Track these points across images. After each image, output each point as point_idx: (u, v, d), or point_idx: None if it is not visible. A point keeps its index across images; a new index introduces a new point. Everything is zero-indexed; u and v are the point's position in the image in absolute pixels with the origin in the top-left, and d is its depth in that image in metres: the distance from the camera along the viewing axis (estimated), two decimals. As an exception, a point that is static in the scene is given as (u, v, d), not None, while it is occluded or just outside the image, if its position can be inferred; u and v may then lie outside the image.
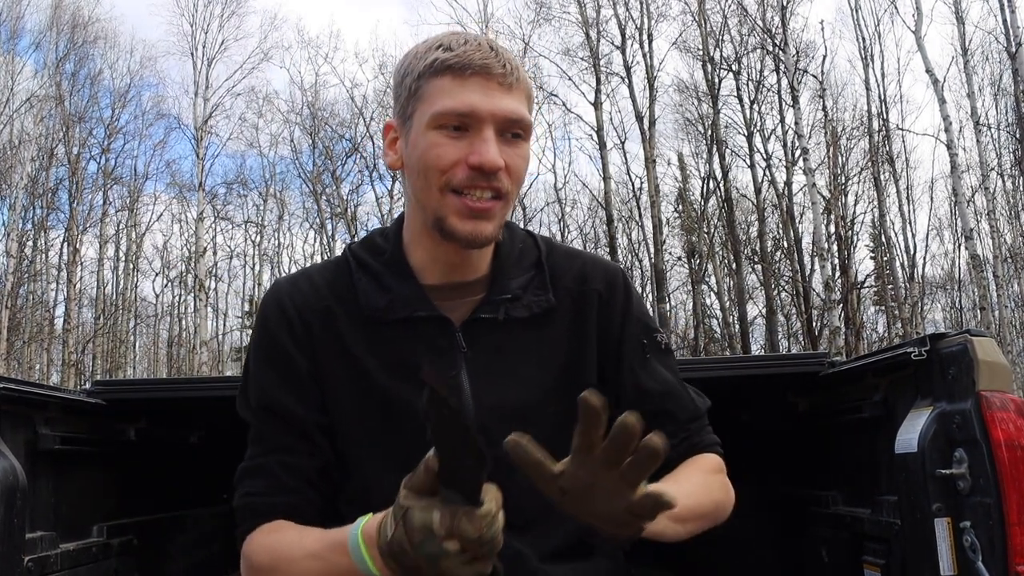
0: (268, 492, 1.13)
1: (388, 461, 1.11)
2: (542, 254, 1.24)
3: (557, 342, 1.19)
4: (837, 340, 16.29)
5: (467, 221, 1.10)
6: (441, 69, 1.10)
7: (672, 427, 1.20)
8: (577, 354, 1.20)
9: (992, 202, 18.28)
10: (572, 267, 1.24)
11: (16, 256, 18.64)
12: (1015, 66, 16.62)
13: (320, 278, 1.22)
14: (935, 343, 1.70)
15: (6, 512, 1.60)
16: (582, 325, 1.21)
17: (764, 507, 2.80)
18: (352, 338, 1.16)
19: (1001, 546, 1.49)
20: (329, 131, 22.84)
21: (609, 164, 19.98)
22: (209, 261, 23.25)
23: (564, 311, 1.21)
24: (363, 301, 1.17)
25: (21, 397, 1.80)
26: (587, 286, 1.23)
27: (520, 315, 1.18)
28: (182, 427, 2.69)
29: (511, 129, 1.11)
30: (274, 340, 1.18)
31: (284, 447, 1.15)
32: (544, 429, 1.12)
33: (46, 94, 20.01)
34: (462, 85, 1.09)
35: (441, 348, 1.15)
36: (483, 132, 1.09)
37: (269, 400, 1.17)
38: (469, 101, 1.08)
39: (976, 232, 17.82)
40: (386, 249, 1.22)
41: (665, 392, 1.23)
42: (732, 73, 20.48)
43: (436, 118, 1.09)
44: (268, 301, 1.22)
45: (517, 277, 1.20)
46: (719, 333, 24.22)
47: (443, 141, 1.09)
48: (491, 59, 1.10)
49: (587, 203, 25.11)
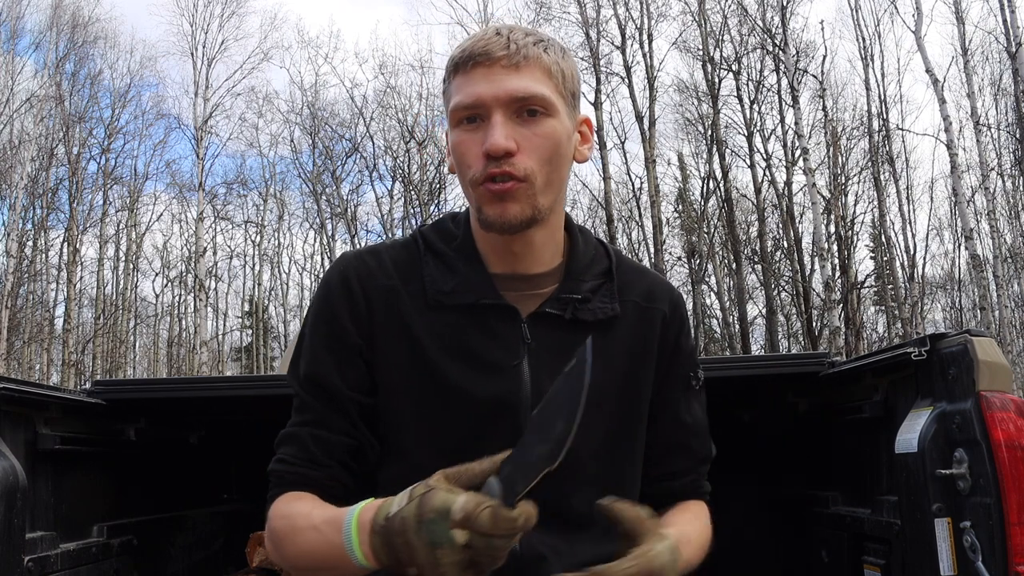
0: (298, 462, 1.14)
1: (438, 446, 1.12)
2: (612, 264, 1.24)
3: (619, 351, 1.19)
4: (837, 340, 16.29)
5: (493, 205, 1.10)
6: (453, 69, 1.13)
7: (688, 463, 1.26)
8: (637, 366, 1.21)
9: (992, 202, 18.28)
10: (640, 283, 1.25)
11: (16, 256, 18.64)
12: (1015, 66, 16.62)
13: (388, 256, 1.21)
14: (935, 343, 1.70)
15: (6, 512, 1.60)
16: (645, 340, 1.22)
17: (764, 507, 2.80)
18: (414, 320, 1.15)
19: (1001, 546, 1.49)
20: (329, 131, 22.86)
21: (609, 164, 19.99)
22: (209, 261, 23.27)
23: (628, 323, 1.21)
24: (429, 284, 1.17)
25: (21, 397, 1.80)
26: (653, 304, 1.24)
27: (586, 318, 1.17)
28: (182, 427, 2.69)
29: (525, 107, 1.10)
30: (333, 314, 1.17)
31: (321, 421, 1.15)
32: (598, 431, 1.16)
33: (46, 94, 20.00)
34: (468, 78, 1.10)
35: (505, 336, 1.15)
36: (492, 119, 1.09)
37: (316, 372, 1.16)
38: (474, 91, 1.09)
39: (976, 232, 17.82)
40: (457, 235, 1.21)
41: (694, 430, 1.27)
42: (732, 73, 20.48)
43: (453, 117, 1.12)
44: (333, 273, 1.20)
45: (588, 281, 1.20)
46: (719, 333, 24.22)
47: (464, 137, 1.11)
48: (493, 44, 1.10)
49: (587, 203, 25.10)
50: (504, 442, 1.10)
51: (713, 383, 2.39)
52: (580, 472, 1.14)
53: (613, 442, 1.18)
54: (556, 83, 1.14)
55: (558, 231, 1.22)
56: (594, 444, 1.15)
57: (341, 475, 1.15)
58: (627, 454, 1.21)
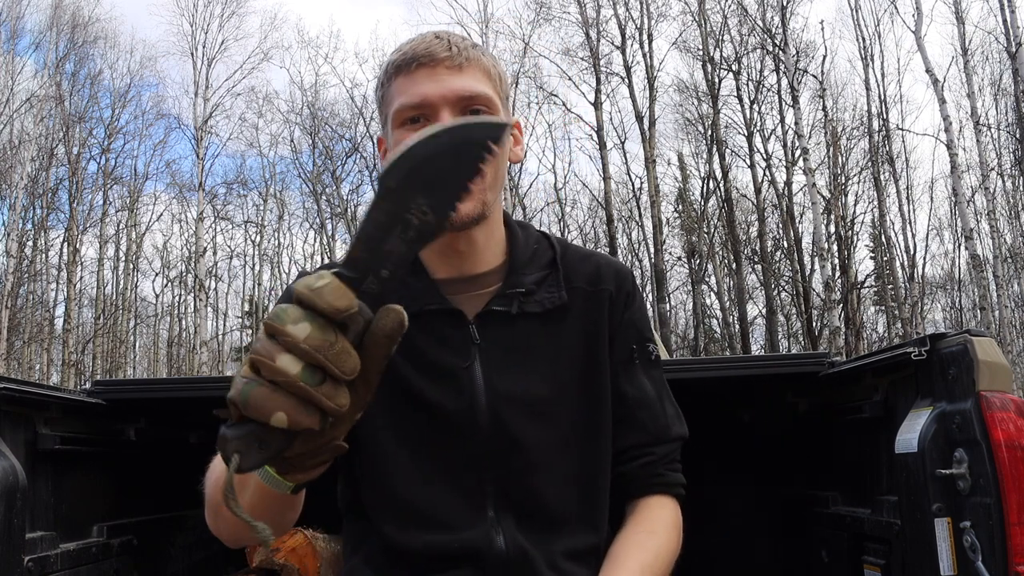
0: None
1: (397, 447, 1.14)
2: (556, 254, 1.24)
3: (570, 339, 1.19)
4: (837, 340, 16.30)
5: None
6: (393, 71, 1.15)
7: (637, 438, 1.20)
8: (591, 352, 1.20)
9: (992, 202, 18.28)
10: (586, 268, 1.25)
11: (16, 256, 18.63)
12: (1015, 66, 16.62)
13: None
14: (935, 343, 1.70)
15: (6, 512, 1.61)
16: (596, 324, 1.21)
17: (764, 507, 2.80)
18: None
19: (1001, 546, 1.49)
20: (329, 131, 22.86)
21: (609, 164, 20.00)
22: (209, 261, 23.27)
23: (577, 310, 1.21)
24: None
25: (21, 397, 1.80)
26: (599, 286, 1.24)
27: (533, 310, 1.18)
28: (182, 427, 2.69)
29: (470, 106, 1.13)
30: None
31: None
32: (558, 421, 1.16)
33: (46, 94, 20.00)
34: (411, 79, 1.13)
35: (453, 340, 1.16)
36: (439, 117, 1.11)
37: None
38: (420, 91, 1.12)
39: (976, 232, 17.82)
40: None
41: (640, 401, 1.22)
42: (732, 73, 20.49)
43: (396, 116, 1.14)
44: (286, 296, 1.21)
45: (531, 274, 1.21)
46: (719, 333, 24.22)
47: (407, 136, 1.10)
48: (435, 46, 1.13)
49: (587, 203, 25.14)
50: (464, 446, 1.13)
51: (713, 383, 2.40)
52: (549, 466, 1.15)
53: (580, 433, 1.18)
54: (495, 84, 1.17)
55: (499, 228, 1.24)
56: (556, 433, 1.16)
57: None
58: (596, 444, 1.19)
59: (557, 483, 1.15)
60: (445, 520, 1.12)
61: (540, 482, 1.14)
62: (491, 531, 1.11)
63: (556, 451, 1.15)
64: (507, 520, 1.13)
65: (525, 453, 1.13)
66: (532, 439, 1.14)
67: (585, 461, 1.18)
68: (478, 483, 1.13)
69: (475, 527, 1.11)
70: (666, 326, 19.47)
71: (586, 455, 1.18)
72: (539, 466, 1.14)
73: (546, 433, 1.15)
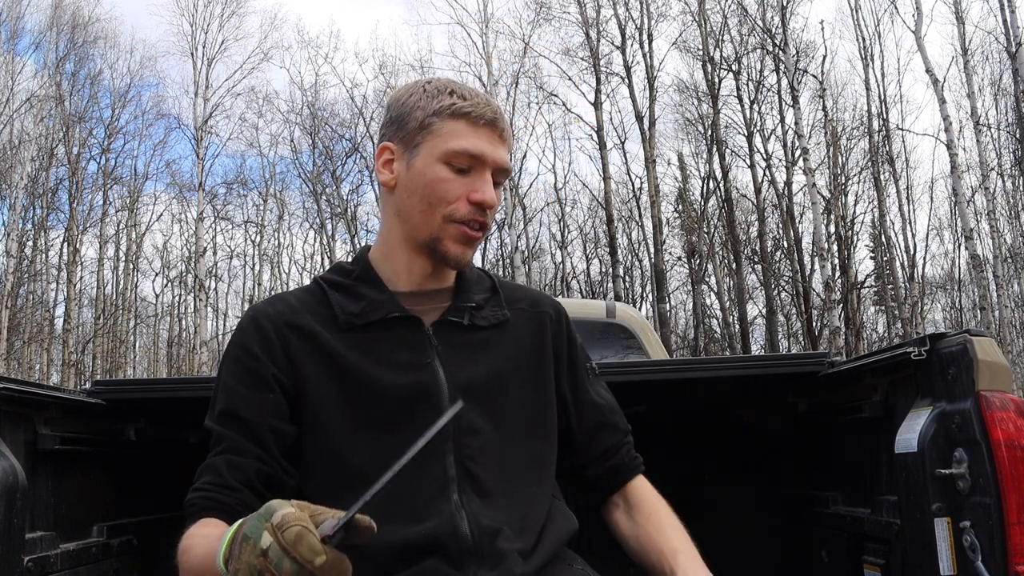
0: (211, 488, 1.18)
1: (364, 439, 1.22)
2: (495, 283, 1.41)
3: (514, 349, 1.34)
4: (837, 340, 16.31)
5: (459, 245, 1.27)
6: (459, 114, 1.26)
7: (617, 437, 1.43)
8: (534, 360, 1.36)
9: (992, 202, 18.29)
10: (523, 294, 1.43)
11: (16, 256, 18.64)
12: (1015, 66, 16.62)
13: (295, 299, 1.32)
14: (935, 343, 1.70)
15: (6, 512, 1.61)
16: (538, 338, 1.38)
17: (764, 507, 2.81)
18: (330, 341, 1.25)
19: (1001, 546, 1.49)
20: (329, 131, 22.87)
21: (609, 164, 20.01)
22: (209, 261, 23.27)
23: (520, 326, 1.37)
24: (338, 311, 1.28)
25: (21, 397, 1.80)
26: (539, 309, 1.41)
27: (481, 323, 1.33)
28: (182, 427, 2.69)
29: (498, 176, 1.29)
30: (246, 351, 1.25)
31: (235, 448, 1.20)
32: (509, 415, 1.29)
33: (46, 94, 20.01)
34: (475, 132, 1.26)
35: (414, 342, 1.27)
36: (485, 175, 1.27)
37: (229, 406, 1.23)
38: (480, 147, 1.26)
39: (976, 232, 17.83)
40: (354, 269, 1.34)
41: (609, 407, 1.44)
42: (732, 73, 20.49)
43: (449, 154, 1.25)
44: (244, 320, 1.30)
45: (477, 294, 1.36)
46: (719, 333, 24.23)
47: (451, 177, 1.25)
48: (497, 115, 1.29)
49: (587, 203, 25.13)
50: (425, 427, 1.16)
51: (713, 383, 2.40)
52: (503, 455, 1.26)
53: (528, 430, 1.31)
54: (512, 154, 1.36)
55: None
56: (510, 429, 1.28)
57: (252, 501, 1.17)
58: (545, 441, 1.34)
59: (507, 472, 1.25)
60: (411, 509, 1.17)
61: (494, 469, 1.24)
62: (455, 516, 1.18)
63: (506, 441, 1.27)
64: (472, 505, 1.19)
65: (482, 439, 1.24)
66: (488, 428, 1.26)
67: (530, 456, 1.30)
68: (442, 468, 1.21)
69: (441, 513, 1.17)
70: (666, 326, 19.47)
71: (530, 451, 1.30)
72: (495, 454, 1.25)
73: (498, 426, 1.27)
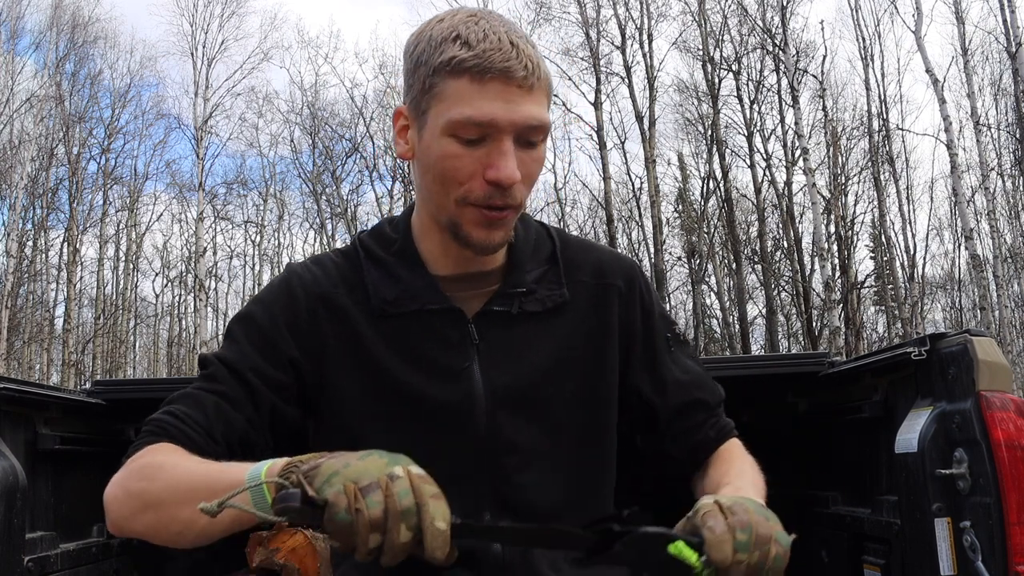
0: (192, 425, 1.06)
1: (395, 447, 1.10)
2: (556, 247, 1.20)
3: (572, 338, 1.17)
4: (837, 340, 16.29)
5: (480, 229, 1.07)
6: (459, 70, 1.01)
7: (705, 414, 1.24)
8: (596, 351, 1.18)
9: (992, 202, 18.27)
10: (588, 260, 1.21)
11: (16, 256, 18.63)
12: (1015, 66, 16.61)
13: (332, 265, 1.18)
14: (935, 343, 1.70)
15: (6, 512, 1.61)
16: (602, 319, 1.19)
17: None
18: (362, 328, 1.13)
19: (1001, 546, 1.49)
20: (329, 131, 22.84)
21: (609, 164, 19.98)
22: (209, 261, 23.26)
23: (580, 305, 1.18)
24: (373, 293, 1.14)
25: (21, 397, 1.80)
26: (605, 280, 1.21)
27: (533, 309, 1.15)
28: (182, 427, 2.69)
29: (529, 136, 1.05)
30: (271, 320, 1.14)
31: (229, 397, 1.09)
32: (557, 423, 1.15)
33: (46, 94, 20.00)
34: (481, 90, 1.01)
35: (452, 340, 1.13)
36: (502, 144, 1.02)
37: (239, 364, 1.11)
38: (489, 111, 1.00)
39: (976, 232, 17.82)
40: (395, 239, 1.18)
41: (695, 382, 1.25)
42: (732, 73, 20.48)
43: (452, 125, 1.02)
44: (278, 282, 1.18)
45: (532, 270, 1.17)
46: (719, 333, 24.22)
47: (459, 151, 1.03)
48: (512, 60, 1.01)
49: (587, 203, 25.10)
50: (461, 448, 1.11)
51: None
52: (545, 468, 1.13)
53: (580, 435, 1.17)
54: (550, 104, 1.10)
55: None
56: (558, 439, 1.14)
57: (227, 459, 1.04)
58: (599, 446, 1.19)
59: (552, 485, 1.13)
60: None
61: (535, 484, 1.12)
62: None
63: (553, 454, 1.14)
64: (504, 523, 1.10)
65: (521, 455, 1.12)
66: (529, 441, 1.12)
67: (584, 463, 1.17)
68: (474, 486, 1.11)
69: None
70: (666, 326, 19.43)
71: (585, 457, 1.17)
72: (534, 468, 1.13)
73: (543, 435, 1.13)
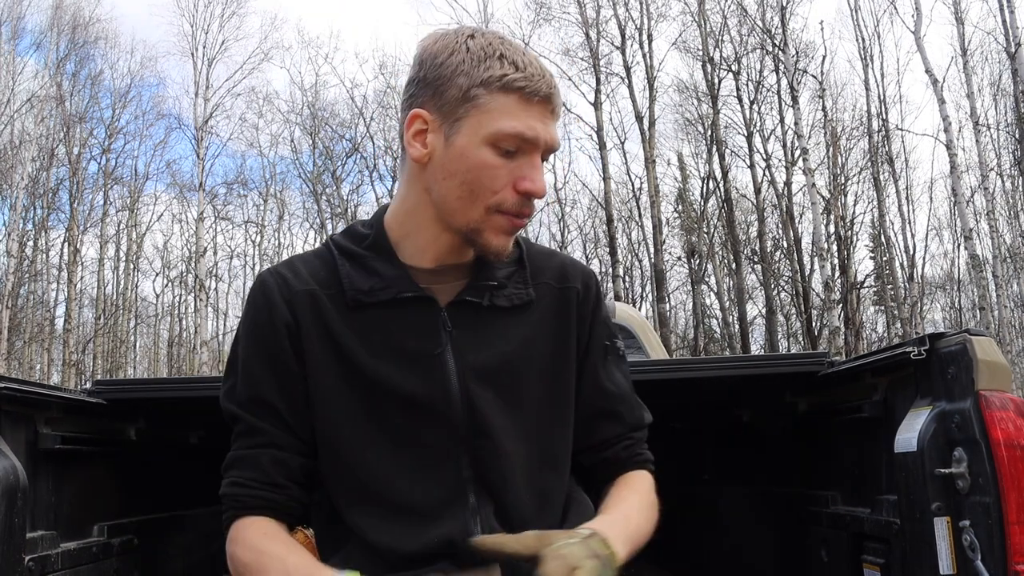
0: (257, 485, 1.15)
1: (372, 440, 1.15)
2: (523, 252, 1.26)
3: (537, 333, 1.22)
4: (837, 340, 16.30)
5: (501, 237, 1.15)
6: (511, 88, 1.09)
7: (619, 429, 1.27)
8: (558, 346, 1.23)
9: (991, 202, 18.28)
10: (551, 265, 1.28)
11: (17, 256, 18.63)
12: (1015, 66, 16.61)
13: (303, 266, 1.22)
14: (934, 343, 1.70)
15: (7, 512, 1.61)
16: (564, 319, 1.24)
17: (764, 507, 2.81)
18: (336, 322, 1.16)
19: (1000, 545, 1.49)
20: (329, 131, 22.87)
21: (609, 164, 20.00)
22: (209, 261, 23.26)
23: (545, 306, 1.24)
24: (347, 286, 1.17)
25: (22, 397, 1.80)
26: (567, 283, 1.26)
27: (502, 304, 1.20)
28: (182, 427, 2.69)
29: (548, 155, 1.15)
30: (263, 332, 1.18)
31: (274, 442, 1.16)
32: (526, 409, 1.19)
33: (47, 94, 20.01)
34: (527, 109, 1.10)
35: (426, 327, 1.17)
36: (534, 159, 1.12)
37: (258, 392, 1.17)
38: (534, 129, 1.10)
39: (975, 232, 17.83)
40: (368, 234, 1.22)
41: (618, 395, 1.28)
42: (732, 73, 20.49)
43: (497, 136, 1.09)
44: (255, 292, 1.21)
45: (501, 268, 1.22)
46: (719, 333, 24.22)
47: (497, 162, 1.10)
48: (553, 90, 1.13)
49: (587, 203, 25.14)
50: (439, 432, 1.14)
51: (712, 383, 2.40)
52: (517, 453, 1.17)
53: (545, 423, 1.21)
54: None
55: None
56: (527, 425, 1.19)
57: (300, 496, 1.17)
58: (562, 432, 1.24)
59: (524, 470, 1.17)
60: (426, 512, 1.12)
61: (509, 468, 1.16)
62: (469, 521, 1.13)
63: (523, 438, 1.18)
64: (486, 507, 1.14)
65: (496, 439, 1.15)
66: (501, 425, 1.16)
67: (546, 450, 1.21)
68: (456, 470, 1.14)
69: (456, 517, 1.12)
70: (666, 326, 19.46)
71: (547, 445, 1.21)
72: (509, 453, 1.16)
73: (514, 420, 1.17)
